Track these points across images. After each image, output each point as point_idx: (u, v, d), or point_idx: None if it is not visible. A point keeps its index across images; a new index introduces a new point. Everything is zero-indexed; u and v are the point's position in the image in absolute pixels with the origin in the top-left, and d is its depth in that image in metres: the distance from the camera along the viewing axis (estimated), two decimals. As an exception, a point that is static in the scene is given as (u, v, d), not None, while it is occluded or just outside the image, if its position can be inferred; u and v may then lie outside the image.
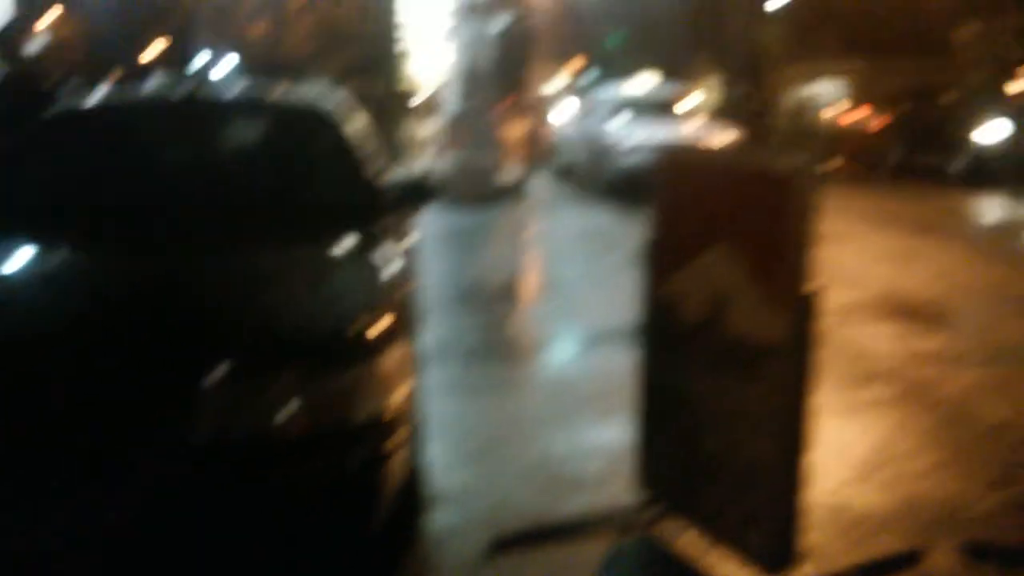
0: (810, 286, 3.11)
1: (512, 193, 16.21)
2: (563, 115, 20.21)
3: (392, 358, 3.39)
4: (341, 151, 4.95)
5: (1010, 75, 35.08)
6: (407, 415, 3.55)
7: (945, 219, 13.42)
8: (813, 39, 39.14)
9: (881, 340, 6.88)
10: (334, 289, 3.70)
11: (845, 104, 31.37)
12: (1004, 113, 17.54)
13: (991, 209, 14.99)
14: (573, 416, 5.35)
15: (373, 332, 3.35)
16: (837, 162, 20.26)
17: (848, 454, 4.81)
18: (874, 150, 20.66)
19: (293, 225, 4.25)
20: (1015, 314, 7.66)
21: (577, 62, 59.25)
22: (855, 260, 9.94)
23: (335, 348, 3.25)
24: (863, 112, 25.39)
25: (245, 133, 5.40)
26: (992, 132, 17.13)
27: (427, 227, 11.15)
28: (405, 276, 4.17)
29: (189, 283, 3.61)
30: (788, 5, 36.19)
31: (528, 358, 6.68)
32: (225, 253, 3.92)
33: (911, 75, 32.56)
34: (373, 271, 3.91)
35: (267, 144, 5.24)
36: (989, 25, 34.00)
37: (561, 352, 7.07)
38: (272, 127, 5.34)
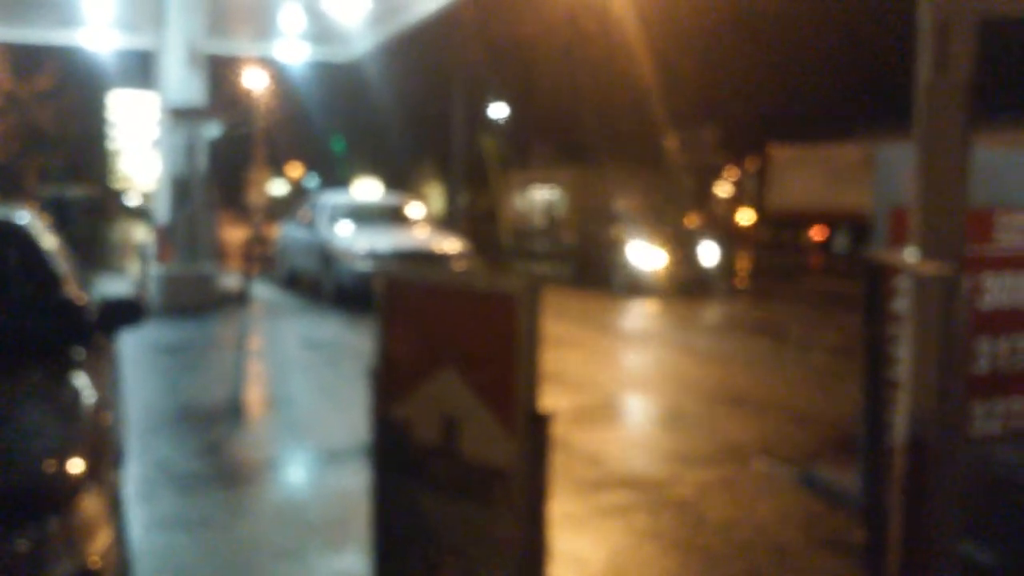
0: (540, 406, 3.07)
1: (235, 301, 15.61)
2: (286, 220, 19.92)
3: (90, 503, 3.01)
4: (37, 269, 4.50)
5: (714, 177, 38.46)
6: (112, 565, 3.16)
7: (660, 322, 14.25)
8: (530, 148, 41.32)
9: (611, 443, 7.06)
10: (16, 431, 3.25)
11: (565, 208, 32.99)
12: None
13: (693, 311, 16.09)
14: (305, 546, 5.03)
15: (64, 476, 2.96)
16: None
17: (589, 567, 4.82)
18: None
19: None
20: (730, 411, 8.13)
21: (298, 167, 59.20)
22: (578, 364, 10.28)
23: (18, 502, 2.84)
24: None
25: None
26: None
27: (143, 340, 10.50)
28: (104, 405, 3.77)
29: None
30: (506, 117, 38.07)
31: (254, 482, 6.26)
32: None
33: (622, 183, 34.94)
34: (66, 404, 3.50)
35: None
36: (689, 136, 37.33)
37: (290, 474, 6.70)
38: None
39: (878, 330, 3.72)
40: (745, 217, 34.85)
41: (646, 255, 18.22)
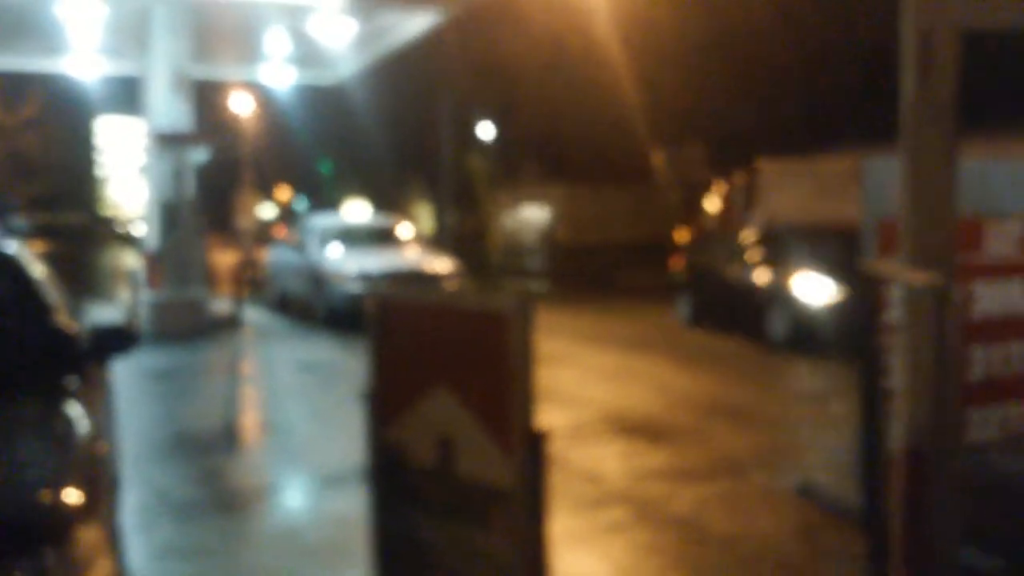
0: (537, 425, 3.06)
1: (227, 325, 15.57)
2: (276, 244, 19.90)
3: (87, 534, 2.99)
4: (27, 298, 4.48)
5: (702, 193, 38.62)
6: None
7: (652, 336, 14.23)
8: (518, 166, 41.39)
9: (610, 460, 7.04)
10: (10, 462, 3.22)
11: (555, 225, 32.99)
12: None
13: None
14: (304, 572, 5.00)
15: (60, 507, 2.94)
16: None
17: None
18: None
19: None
20: (725, 425, 8.12)
21: (286, 190, 59.17)
22: (575, 379, 10.27)
23: (13, 534, 2.81)
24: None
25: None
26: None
27: (135, 367, 10.44)
28: (99, 434, 3.75)
29: None
30: (494, 136, 38.17)
31: (252, 509, 6.23)
32: None
33: (611, 199, 35.06)
34: (60, 434, 3.48)
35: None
36: (675, 153, 37.47)
37: (287, 500, 6.67)
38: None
39: (872, 341, 3.73)
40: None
41: (821, 290, 12.46)
